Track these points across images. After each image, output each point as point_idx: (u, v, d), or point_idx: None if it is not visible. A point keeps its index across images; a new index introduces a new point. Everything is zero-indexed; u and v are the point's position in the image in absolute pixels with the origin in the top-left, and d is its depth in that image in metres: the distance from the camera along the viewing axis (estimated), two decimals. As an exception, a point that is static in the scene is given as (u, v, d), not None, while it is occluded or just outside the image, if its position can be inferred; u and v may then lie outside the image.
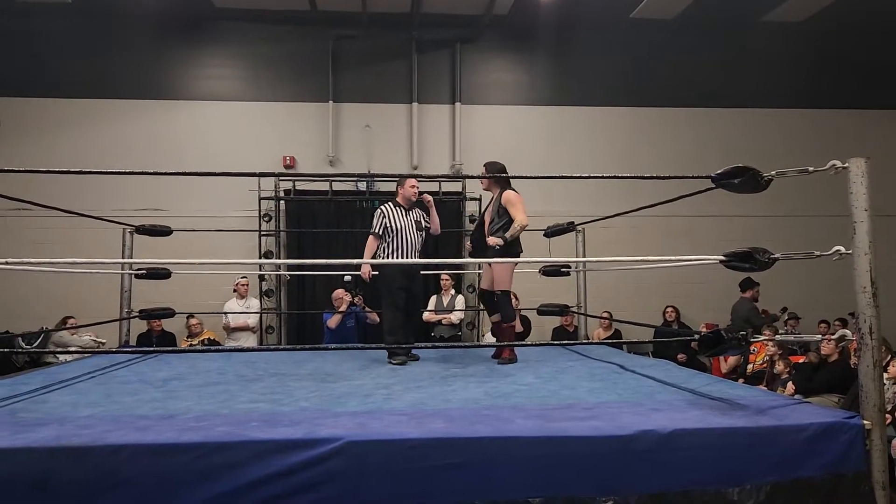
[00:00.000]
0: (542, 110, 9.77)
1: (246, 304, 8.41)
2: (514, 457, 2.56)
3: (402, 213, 5.41)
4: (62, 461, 2.39)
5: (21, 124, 8.93)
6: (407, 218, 5.40)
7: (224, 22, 9.29)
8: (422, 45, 9.56)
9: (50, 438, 2.51)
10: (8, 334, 7.45)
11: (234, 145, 9.08)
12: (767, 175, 3.19)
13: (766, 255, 3.13)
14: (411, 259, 5.31)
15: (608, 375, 4.24)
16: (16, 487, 2.33)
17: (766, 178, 3.19)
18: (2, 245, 7.78)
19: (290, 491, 2.49)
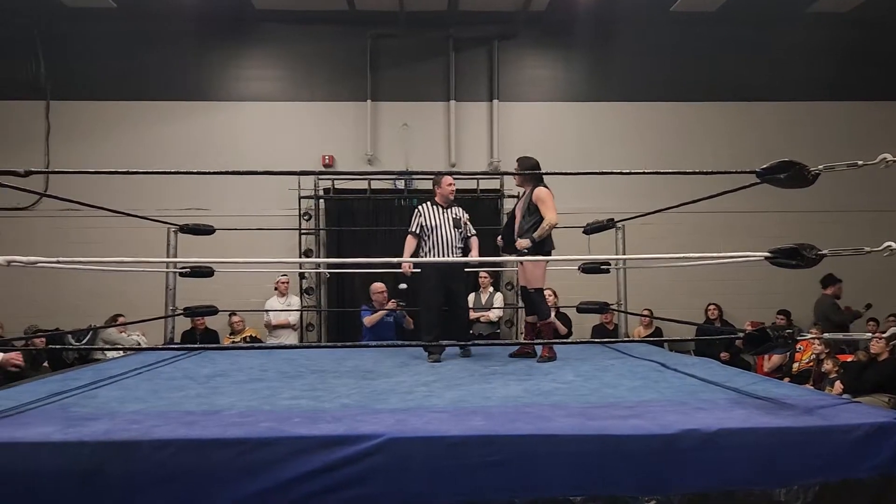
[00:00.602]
0: (580, 106, 9.68)
1: (287, 301, 8.52)
2: (555, 454, 2.55)
3: (439, 211, 5.43)
4: (112, 455, 2.45)
5: (70, 127, 9.17)
6: (444, 216, 5.41)
7: (264, 23, 9.41)
8: (459, 43, 9.56)
9: (100, 433, 2.58)
10: (58, 331, 7.66)
11: (274, 145, 9.19)
12: (814, 169, 3.11)
13: (813, 252, 3.06)
14: (447, 257, 5.32)
15: (649, 374, 4.19)
16: (68, 479, 2.40)
17: (812, 173, 3.11)
18: (51, 244, 7.98)
19: (331, 487, 2.51)
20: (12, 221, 8.63)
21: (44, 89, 9.14)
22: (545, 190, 4.99)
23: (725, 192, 4.03)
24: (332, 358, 5.11)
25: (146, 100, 9.28)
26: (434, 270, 5.30)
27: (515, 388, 3.70)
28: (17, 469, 2.39)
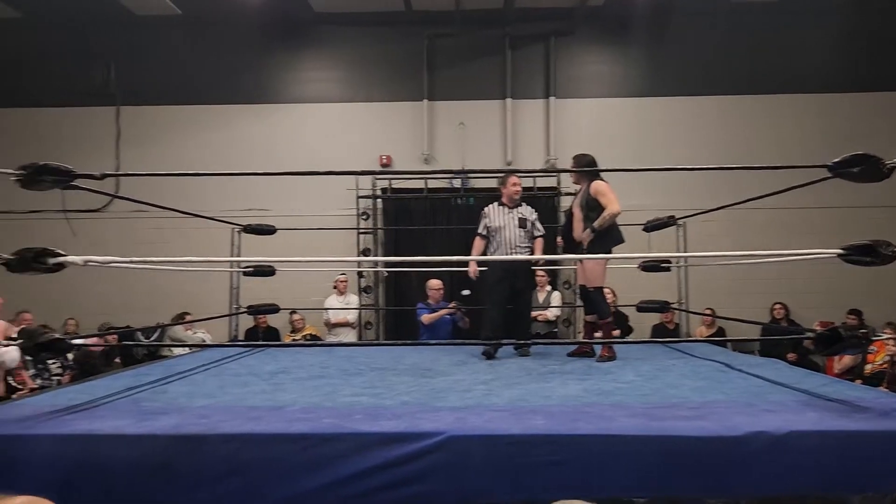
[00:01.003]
0: (638, 102, 9.52)
1: (345, 300, 8.63)
2: (618, 455, 2.52)
3: (504, 211, 5.45)
4: (182, 448, 2.53)
5: (138, 131, 9.50)
6: (509, 216, 5.42)
7: (322, 26, 9.56)
8: (515, 41, 9.52)
9: (170, 426, 2.67)
10: (129, 329, 7.94)
11: (333, 146, 9.32)
12: (890, 163, 2.99)
13: (889, 248, 2.93)
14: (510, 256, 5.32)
15: (713, 374, 4.09)
16: (141, 470, 2.48)
17: (888, 166, 2.99)
18: (121, 245, 8.28)
19: (391, 483, 2.53)
20: (86, 223, 8.98)
21: (114, 95, 9.49)
22: (603, 182, 4.94)
23: (794, 186, 3.90)
24: (390, 356, 5.15)
25: (209, 104, 9.53)
26: (498, 269, 5.32)
27: (575, 388, 3.67)
28: (94, 459, 2.49)
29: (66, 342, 2.98)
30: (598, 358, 4.84)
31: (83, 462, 2.49)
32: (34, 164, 2.98)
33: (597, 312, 5.09)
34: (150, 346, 7.76)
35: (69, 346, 3.04)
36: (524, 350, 5.29)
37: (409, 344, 5.60)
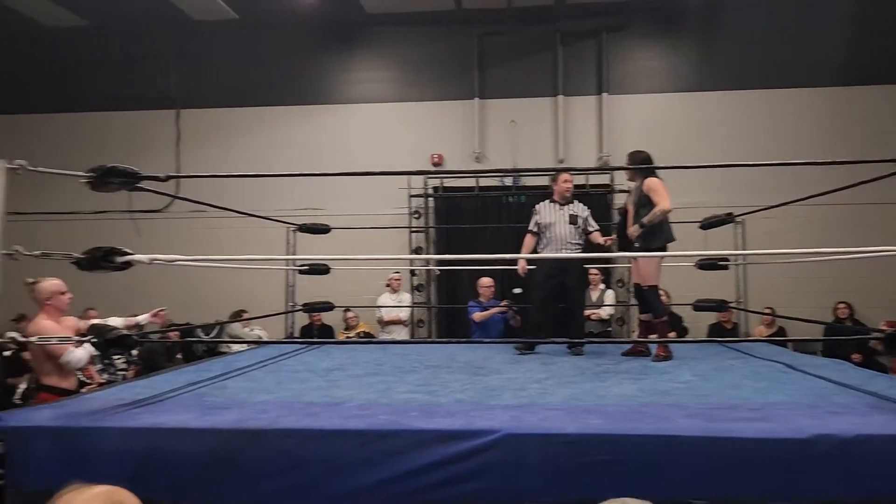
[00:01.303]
0: (693, 96, 9.33)
1: (398, 298, 8.70)
2: (677, 456, 2.48)
3: (554, 208, 5.43)
4: (244, 442, 2.59)
5: (197, 133, 9.76)
6: (559, 213, 5.40)
7: (373, 27, 9.65)
8: (567, 37, 9.44)
9: (232, 421, 2.74)
10: (189, 326, 8.16)
11: (385, 145, 9.40)
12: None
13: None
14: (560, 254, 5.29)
15: (775, 375, 3.99)
16: (205, 463, 2.56)
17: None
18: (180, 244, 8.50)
19: (447, 480, 2.55)
20: (147, 223, 9.26)
21: (174, 99, 9.76)
22: (656, 179, 4.87)
23: (862, 182, 3.77)
24: (442, 354, 5.18)
25: (264, 105, 9.73)
26: (546, 267, 5.30)
27: (630, 388, 3.63)
28: (160, 452, 2.57)
29: (132, 338, 3.09)
30: (653, 357, 4.77)
31: (150, 454, 2.58)
32: (103, 166, 3.10)
33: (651, 311, 5.02)
34: (210, 342, 7.95)
35: (135, 342, 3.14)
36: (577, 349, 5.25)
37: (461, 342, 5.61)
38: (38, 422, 2.78)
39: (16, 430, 2.70)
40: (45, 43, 9.73)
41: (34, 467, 2.64)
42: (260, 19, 9.44)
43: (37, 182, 3.01)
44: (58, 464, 2.61)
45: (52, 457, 2.63)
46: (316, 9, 9.21)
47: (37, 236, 3.08)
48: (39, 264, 3.15)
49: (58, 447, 2.64)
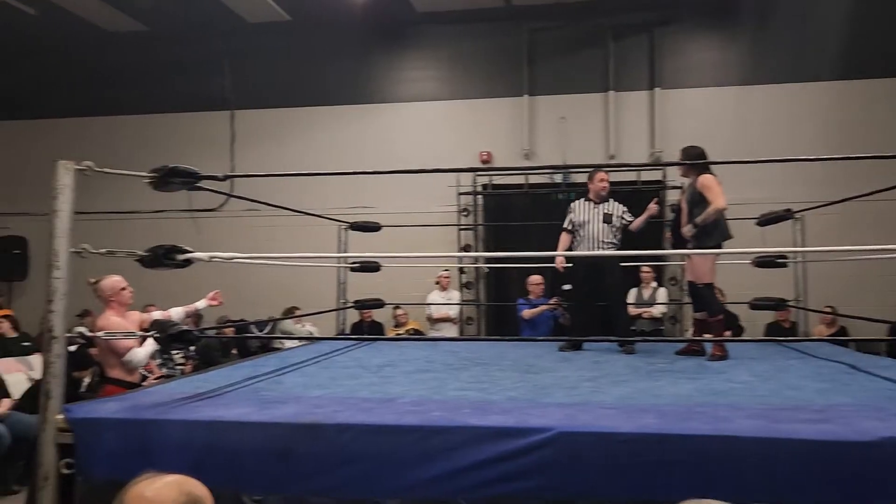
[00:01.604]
0: (748, 90, 9.12)
1: (447, 296, 8.73)
2: (735, 458, 2.43)
3: (589, 207, 5.40)
4: (301, 436, 2.64)
5: (251, 134, 9.96)
6: (594, 211, 5.35)
7: (423, 25, 9.70)
8: (618, 32, 9.33)
9: (289, 415, 2.79)
10: (244, 322, 8.34)
11: (434, 143, 9.44)
12: None
13: None
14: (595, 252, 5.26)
15: (837, 376, 3.88)
16: (264, 456, 2.61)
17: None
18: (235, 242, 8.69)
19: (501, 477, 2.55)
20: (204, 221, 9.50)
21: (228, 100, 9.98)
22: (710, 176, 4.75)
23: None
24: (492, 351, 5.17)
25: (316, 105, 9.88)
26: (581, 266, 5.29)
27: (686, 387, 3.57)
28: (221, 444, 2.64)
29: (193, 333, 3.17)
30: (708, 357, 4.68)
31: (211, 447, 2.64)
32: (165, 166, 3.18)
33: (706, 309, 4.92)
34: (263, 338, 8.12)
35: (196, 337, 3.23)
36: (628, 347, 5.19)
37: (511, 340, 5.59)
38: (104, 414, 2.88)
39: (84, 421, 2.80)
40: (107, 48, 10.06)
41: (101, 458, 2.73)
42: (311, 21, 9.58)
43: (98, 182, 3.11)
44: (123, 454, 2.69)
45: (118, 448, 2.72)
46: (366, 8, 9.30)
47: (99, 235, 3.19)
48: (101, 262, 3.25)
49: (123, 438, 2.73)
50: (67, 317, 2.95)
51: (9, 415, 5.61)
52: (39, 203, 9.61)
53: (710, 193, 4.68)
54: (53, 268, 2.88)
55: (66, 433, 2.79)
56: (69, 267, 2.93)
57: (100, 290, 4.35)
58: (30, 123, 10.51)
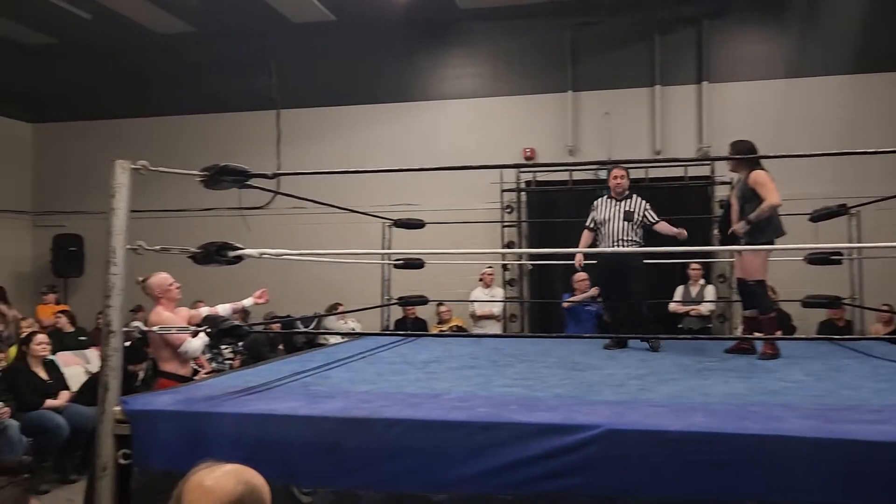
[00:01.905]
0: (799, 82, 8.87)
1: (491, 293, 8.73)
2: (790, 458, 2.38)
3: (611, 204, 5.38)
4: (349, 430, 2.67)
5: (296, 132, 10.09)
6: (615, 208, 5.31)
7: (466, 22, 9.68)
8: (664, 25, 9.17)
9: (338, 409, 2.83)
10: (290, 318, 8.46)
11: (477, 140, 9.43)
12: None
13: None
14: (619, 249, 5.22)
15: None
16: (313, 449, 2.66)
17: None
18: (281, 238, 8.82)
19: (548, 474, 2.54)
20: (251, 219, 9.66)
21: (275, 100, 10.13)
22: (763, 172, 4.64)
23: None
24: (537, 348, 5.17)
25: (360, 104, 9.95)
26: (601, 264, 5.37)
27: (737, 386, 3.51)
28: (271, 437, 2.69)
29: (243, 328, 3.24)
30: (759, 355, 4.59)
31: (262, 439, 2.70)
32: (216, 165, 3.25)
33: (757, 307, 4.82)
34: (309, 334, 8.22)
35: (246, 332, 3.29)
36: (654, 344, 5.10)
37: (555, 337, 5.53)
38: (159, 406, 2.96)
39: (140, 413, 2.89)
40: (157, 50, 10.29)
41: (157, 449, 2.81)
42: (355, 20, 9.65)
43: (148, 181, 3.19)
44: (178, 446, 2.77)
45: (173, 439, 2.79)
46: (410, 7, 9.33)
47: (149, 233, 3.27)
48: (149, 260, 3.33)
49: (178, 430, 2.81)
50: (123, 312, 3.04)
51: (67, 406, 5.79)
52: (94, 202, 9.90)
53: (764, 190, 4.58)
54: (111, 264, 2.97)
55: (123, 424, 2.87)
56: (125, 263, 3.02)
57: (148, 287, 4.46)
58: (83, 125, 10.82)
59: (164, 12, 9.40)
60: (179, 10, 9.36)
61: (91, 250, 10.13)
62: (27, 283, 10.67)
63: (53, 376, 5.97)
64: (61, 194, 10.71)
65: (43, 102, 10.89)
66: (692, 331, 7.62)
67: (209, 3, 9.10)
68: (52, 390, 5.82)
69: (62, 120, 10.93)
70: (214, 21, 9.73)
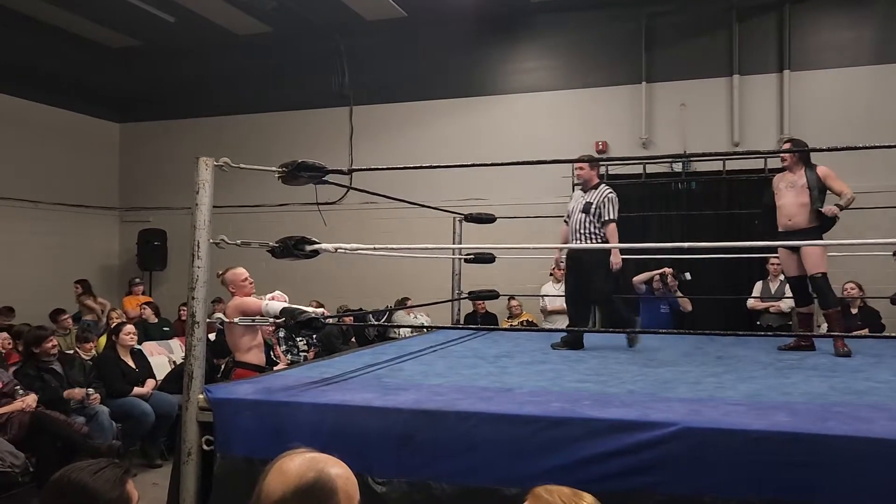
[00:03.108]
0: (888, 68, 8.41)
1: (561, 287, 8.63)
2: (879, 461, 2.28)
3: (578, 196, 5.31)
4: (422, 422, 2.71)
5: (368, 128, 10.23)
6: (580, 201, 5.23)
7: (538, 15, 9.60)
8: (743, 13, 8.86)
9: (411, 402, 2.88)
10: (362, 311, 8.61)
11: (549, 134, 9.34)
12: None
13: None
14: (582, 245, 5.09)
15: None
16: (387, 440, 2.71)
17: None
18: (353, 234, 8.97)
19: (622, 471, 2.52)
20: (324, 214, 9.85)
21: (347, 96, 10.30)
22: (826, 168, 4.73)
23: None
24: (608, 344, 5.09)
25: (431, 99, 10.00)
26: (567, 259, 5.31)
27: (820, 385, 3.39)
28: (348, 427, 2.75)
29: (319, 321, 3.31)
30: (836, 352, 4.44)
31: (339, 429, 2.77)
32: (294, 161, 3.34)
33: (823, 301, 4.72)
34: (380, 327, 8.35)
35: (322, 324, 3.37)
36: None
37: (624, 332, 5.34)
38: (240, 395, 3.07)
39: (222, 401, 3.00)
40: (236, 50, 10.61)
41: (238, 436, 2.92)
42: (426, 16, 9.70)
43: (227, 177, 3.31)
44: (258, 434, 2.87)
45: (253, 427, 2.90)
46: (480, 1, 9.32)
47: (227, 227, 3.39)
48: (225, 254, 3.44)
49: (258, 418, 2.91)
50: (206, 303, 3.16)
51: (153, 394, 6.06)
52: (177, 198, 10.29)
53: (838, 183, 4.65)
54: (195, 257, 3.09)
55: (206, 412, 2.99)
56: (209, 257, 3.14)
57: (226, 280, 4.62)
58: (166, 123, 11.27)
59: (243, 13, 9.68)
60: (257, 11, 9.61)
61: (174, 244, 10.55)
62: (114, 276, 11.21)
63: (140, 365, 6.26)
64: (146, 191, 11.19)
65: (129, 103, 11.40)
66: (771, 328, 7.37)
67: (286, 3, 9.32)
68: (139, 378, 6.09)
69: (147, 119, 11.41)
70: (290, 21, 9.95)
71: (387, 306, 8.84)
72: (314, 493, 1.43)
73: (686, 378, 3.59)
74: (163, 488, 3.44)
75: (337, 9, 9.45)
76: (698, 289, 7.64)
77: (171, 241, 10.62)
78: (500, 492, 2.56)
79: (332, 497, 1.44)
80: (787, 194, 4.77)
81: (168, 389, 6.13)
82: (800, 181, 4.70)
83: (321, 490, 1.43)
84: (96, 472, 1.58)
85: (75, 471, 1.59)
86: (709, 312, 8.01)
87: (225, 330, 5.32)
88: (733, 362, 4.21)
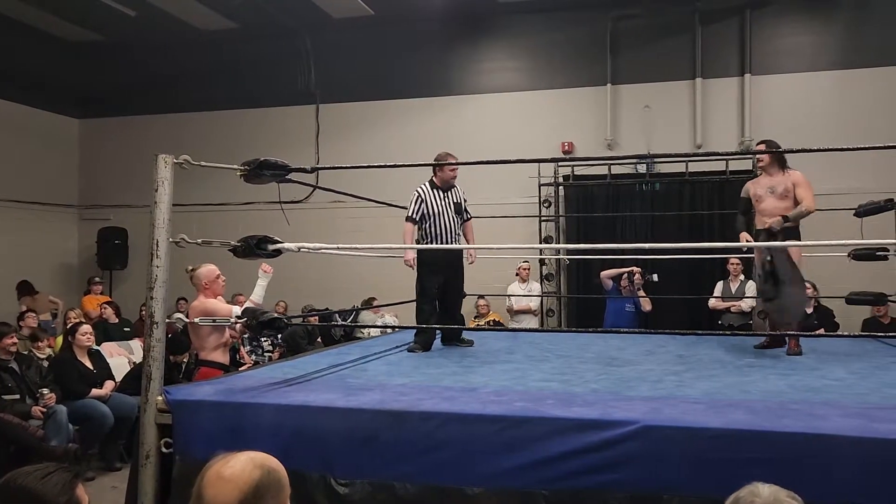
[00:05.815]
0: (845, 74, 8.62)
1: (528, 287, 8.69)
2: (833, 458, 2.33)
3: (437, 195, 5.02)
4: (385, 422, 2.70)
5: (335, 127, 10.16)
6: (444, 201, 5.01)
7: (504, 16, 9.64)
8: (706, 17, 9.00)
9: (375, 402, 2.86)
10: (328, 311, 8.55)
11: (515, 134, 9.38)
12: None
13: None
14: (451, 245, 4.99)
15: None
16: (350, 441, 2.69)
17: None
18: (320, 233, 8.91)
19: (584, 469, 2.54)
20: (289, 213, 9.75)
21: (314, 94, 10.22)
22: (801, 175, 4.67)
23: None
24: (574, 344, 5.13)
25: (398, 98, 9.97)
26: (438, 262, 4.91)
27: (777, 383, 3.45)
28: (309, 428, 2.73)
29: (282, 321, 3.29)
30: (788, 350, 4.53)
31: (300, 430, 2.74)
32: (256, 159, 3.30)
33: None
34: (346, 327, 8.30)
35: (286, 324, 3.34)
36: (466, 340, 5.02)
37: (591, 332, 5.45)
38: (200, 396, 3.02)
39: (181, 403, 2.95)
40: (200, 46, 10.45)
41: (198, 438, 2.87)
42: (394, 14, 9.67)
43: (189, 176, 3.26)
44: (218, 435, 2.82)
45: (214, 429, 2.85)
46: (448, 1, 9.32)
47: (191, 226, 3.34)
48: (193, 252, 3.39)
49: (219, 420, 2.86)
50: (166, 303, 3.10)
51: (112, 396, 5.94)
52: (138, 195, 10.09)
53: (805, 192, 4.61)
54: (154, 256, 3.04)
55: (165, 414, 2.94)
56: (168, 256, 3.09)
57: (196, 277, 4.54)
58: (128, 120, 11.05)
59: (207, 9, 9.53)
60: (222, 7, 9.48)
61: (135, 243, 10.35)
62: (73, 275, 10.98)
63: (98, 366, 6.13)
64: (107, 188, 10.97)
65: (89, 98, 11.15)
66: (732, 327, 7.49)
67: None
68: (97, 380, 5.97)
69: (108, 115, 11.18)
70: (255, 17, 9.84)
71: (353, 306, 8.79)
72: (270, 489, 1.43)
73: (648, 377, 3.63)
74: (121, 492, 3.37)
75: (304, 6, 9.37)
76: (662, 289, 7.74)
77: (133, 240, 10.42)
78: (464, 491, 2.57)
79: (284, 489, 1.45)
80: (769, 199, 4.80)
81: (127, 391, 6.00)
82: (779, 187, 4.75)
83: (275, 484, 1.44)
84: (43, 476, 1.54)
85: (22, 476, 1.55)
86: (672, 311, 8.14)
87: (189, 329, 5.24)
88: (694, 361, 4.26)
